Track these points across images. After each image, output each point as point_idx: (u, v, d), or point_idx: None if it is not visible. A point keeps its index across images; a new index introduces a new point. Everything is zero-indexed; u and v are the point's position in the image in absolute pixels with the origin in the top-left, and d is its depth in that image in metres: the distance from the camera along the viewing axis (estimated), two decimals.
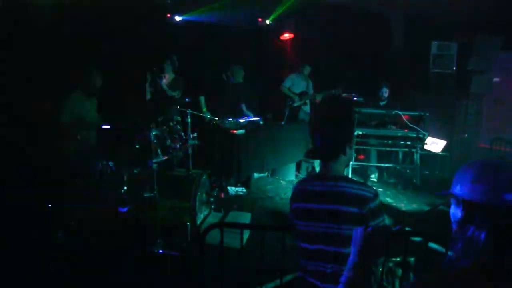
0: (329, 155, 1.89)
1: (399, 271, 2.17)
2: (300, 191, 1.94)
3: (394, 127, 5.93)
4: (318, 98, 6.91)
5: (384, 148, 6.09)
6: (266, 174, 6.20)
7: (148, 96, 5.34)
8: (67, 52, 5.13)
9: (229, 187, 5.40)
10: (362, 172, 6.32)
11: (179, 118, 4.86)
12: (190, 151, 4.44)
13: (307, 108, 7.10)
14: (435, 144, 6.27)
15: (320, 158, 1.93)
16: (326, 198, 1.82)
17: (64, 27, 5.28)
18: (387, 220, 1.87)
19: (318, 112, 2.41)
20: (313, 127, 1.95)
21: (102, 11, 5.52)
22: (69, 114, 4.25)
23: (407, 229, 3.65)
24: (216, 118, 5.52)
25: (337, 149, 1.86)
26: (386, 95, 6.23)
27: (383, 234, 1.54)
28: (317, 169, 6.20)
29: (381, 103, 6.26)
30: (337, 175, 1.88)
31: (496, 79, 6.98)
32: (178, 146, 4.20)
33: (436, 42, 6.79)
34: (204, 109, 5.81)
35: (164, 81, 5.36)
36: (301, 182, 1.99)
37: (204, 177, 4.21)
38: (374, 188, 1.88)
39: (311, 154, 2.00)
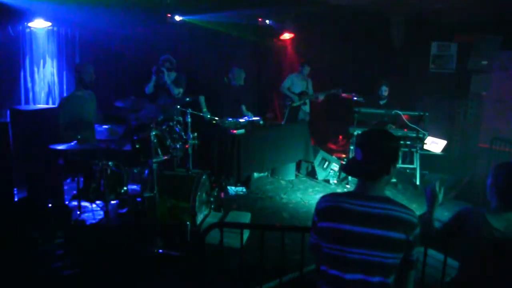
0: (373, 174, 1.67)
1: None
2: (333, 208, 1.66)
3: (394, 127, 5.94)
4: (321, 97, 6.92)
5: None
6: (266, 173, 6.20)
7: (151, 89, 5.29)
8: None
9: (229, 187, 5.41)
10: None
11: (180, 118, 4.86)
12: (190, 151, 4.44)
13: (306, 108, 7.11)
14: (435, 144, 6.25)
15: (363, 176, 1.70)
16: (370, 221, 1.59)
17: None
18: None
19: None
20: (359, 140, 1.74)
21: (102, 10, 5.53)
22: (69, 115, 4.26)
23: None
24: (216, 118, 5.52)
25: (382, 168, 1.66)
26: (385, 93, 6.22)
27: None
28: (318, 170, 6.18)
29: (381, 102, 6.26)
30: (379, 195, 1.66)
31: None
32: (178, 146, 4.20)
33: (436, 42, 6.79)
34: (204, 109, 5.81)
35: (170, 77, 5.34)
36: (331, 198, 1.71)
37: (204, 177, 4.21)
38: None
39: (352, 171, 1.79)
